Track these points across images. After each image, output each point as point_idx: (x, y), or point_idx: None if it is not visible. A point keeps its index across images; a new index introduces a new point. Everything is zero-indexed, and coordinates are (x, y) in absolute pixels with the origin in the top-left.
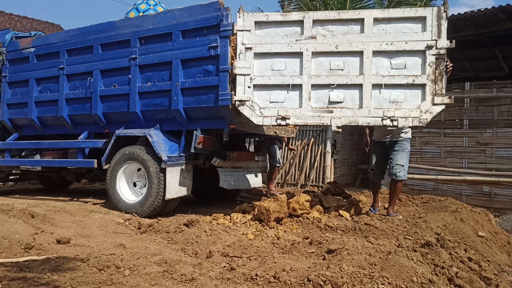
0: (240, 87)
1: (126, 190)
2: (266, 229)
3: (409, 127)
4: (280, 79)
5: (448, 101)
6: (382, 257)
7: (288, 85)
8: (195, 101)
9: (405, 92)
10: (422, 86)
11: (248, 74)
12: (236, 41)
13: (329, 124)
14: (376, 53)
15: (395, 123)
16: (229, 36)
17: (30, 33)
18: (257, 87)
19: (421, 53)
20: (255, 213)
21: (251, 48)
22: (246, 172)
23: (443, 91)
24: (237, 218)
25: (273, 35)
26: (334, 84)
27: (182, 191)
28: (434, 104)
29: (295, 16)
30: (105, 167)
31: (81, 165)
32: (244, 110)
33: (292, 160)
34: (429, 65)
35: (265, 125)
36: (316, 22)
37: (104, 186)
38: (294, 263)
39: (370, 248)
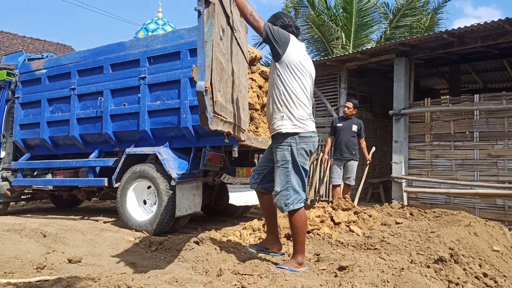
0: None
1: (136, 208)
2: None
3: None
4: None
5: None
6: (395, 274)
7: None
8: None
9: None
10: None
11: None
12: None
13: None
14: None
15: None
16: None
17: (42, 55)
18: None
19: None
20: (265, 230)
21: None
22: None
23: None
24: (247, 234)
25: None
26: None
27: (192, 208)
28: None
29: None
30: (116, 185)
31: (92, 184)
32: None
33: None
34: None
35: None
36: None
37: (114, 204)
38: (305, 280)
39: (383, 265)
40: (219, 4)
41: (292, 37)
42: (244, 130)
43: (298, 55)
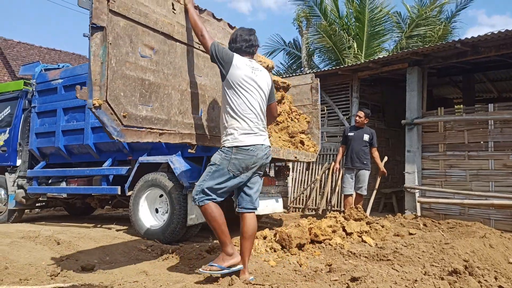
0: None
1: (149, 217)
2: (288, 255)
3: None
4: None
5: None
6: (408, 286)
7: None
8: None
9: None
10: None
11: None
12: None
13: None
14: None
15: None
16: None
17: (59, 65)
18: None
19: None
20: (276, 239)
21: None
22: (267, 198)
23: None
24: (258, 244)
25: None
26: None
27: (204, 217)
28: None
29: None
30: (129, 193)
31: (105, 192)
32: None
33: (313, 184)
34: None
35: None
36: None
37: (127, 212)
38: None
39: (396, 276)
40: (132, 25)
41: (236, 56)
42: None
43: (243, 72)
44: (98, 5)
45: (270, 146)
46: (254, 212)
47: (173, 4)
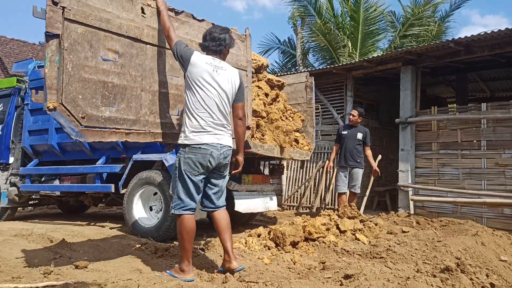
0: None
1: (143, 214)
2: (282, 253)
3: None
4: None
5: None
6: (401, 283)
7: None
8: None
9: None
10: None
11: None
12: None
13: None
14: None
15: None
16: None
17: None
18: None
19: None
20: (270, 237)
21: None
22: (261, 196)
23: None
24: (252, 242)
25: None
26: None
27: (198, 215)
28: None
29: None
30: (122, 191)
31: (99, 190)
32: None
33: (307, 183)
34: None
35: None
36: None
37: (120, 210)
38: None
39: (388, 273)
40: (92, 31)
41: (195, 54)
42: None
43: (200, 70)
44: (53, 15)
45: (230, 146)
46: (219, 210)
47: (142, 9)
